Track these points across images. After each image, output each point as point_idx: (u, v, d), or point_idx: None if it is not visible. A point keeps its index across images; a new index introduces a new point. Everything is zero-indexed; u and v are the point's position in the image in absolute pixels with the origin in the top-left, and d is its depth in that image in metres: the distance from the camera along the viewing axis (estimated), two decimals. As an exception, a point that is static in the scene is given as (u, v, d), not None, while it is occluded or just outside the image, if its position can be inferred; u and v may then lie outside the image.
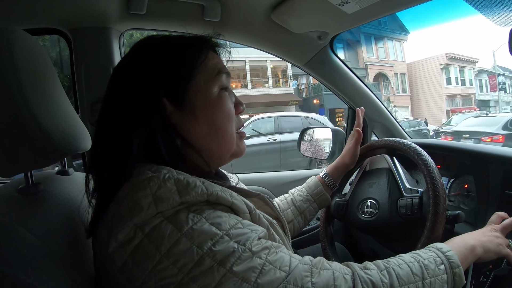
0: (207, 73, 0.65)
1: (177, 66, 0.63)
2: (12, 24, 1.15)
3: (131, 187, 0.52)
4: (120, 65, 0.65)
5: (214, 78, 0.66)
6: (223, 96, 0.67)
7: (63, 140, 0.62)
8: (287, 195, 1.13)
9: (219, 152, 0.68)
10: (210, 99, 0.65)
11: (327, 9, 1.12)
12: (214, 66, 0.67)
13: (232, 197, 0.57)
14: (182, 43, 0.67)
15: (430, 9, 23.42)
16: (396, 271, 0.61)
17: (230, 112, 0.68)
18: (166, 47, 0.66)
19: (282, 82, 21.86)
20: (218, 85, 0.66)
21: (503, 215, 0.84)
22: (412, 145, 0.99)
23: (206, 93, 0.64)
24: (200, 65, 0.65)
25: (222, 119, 0.66)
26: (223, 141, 0.66)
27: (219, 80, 0.66)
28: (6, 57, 0.53)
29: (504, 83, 23.52)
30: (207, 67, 0.65)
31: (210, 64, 0.66)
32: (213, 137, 0.65)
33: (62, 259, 0.51)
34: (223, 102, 0.66)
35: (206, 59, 0.66)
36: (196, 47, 0.66)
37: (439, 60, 23.89)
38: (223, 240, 0.49)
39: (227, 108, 0.67)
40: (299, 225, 1.08)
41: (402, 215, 0.95)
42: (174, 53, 0.64)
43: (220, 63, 0.69)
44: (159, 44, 0.67)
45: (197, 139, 0.64)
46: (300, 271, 0.52)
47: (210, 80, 0.65)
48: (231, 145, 0.68)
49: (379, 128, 1.71)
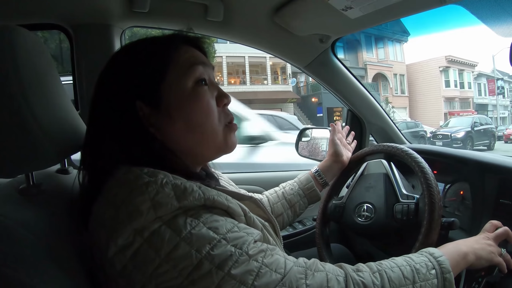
0: (179, 68, 0.64)
1: (147, 65, 0.63)
2: (13, 19, 1.15)
3: (129, 191, 0.52)
4: (102, 71, 0.66)
5: (187, 71, 0.64)
6: (199, 90, 0.65)
7: (64, 141, 0.62)
8: (278, 188, 1.15)
9: (201, 150, 0.67)
10: (184, 95, 0.63)
11: (330, 13, 1.13)
12: (186, 60, 0.65)
13: (228, 200, 0.58)
14: (153, 42, 0.66)
15: (432, 17, 23.35)
16: (388, 273, 0.62)
17: (209, 106, 0.65)
18: (138, 48, 0.66)
19: (281, 80, 21.83)
20: (192, 79, 0.64)
21: (496, 223, 0.85)
22: (410, 152, 1.00)
23: (179, 89, 0.63)
24: (171, 61, 0.63)
25: (198, 114, 0.64)
26: (203, 137, 0.65)
27: (193, 73, 0.64)
28: (7, 56, 0.53)
29: (503, 87, 23.62)
30: (179, 62, 0.64)
31: (182, 58, 0.65)
32: (192, 135, 0.64)
33: (63, 261, 0.52)
34: (199, 96, 0.64)
35: (176, 54, 0.64)
36: (165, 44, 0.65)
37: (438, 62, 23.90)
38: (220, 244, 0.50)
39: (204, 103, 0.65)
40: (288, 219, 1.10)
41: (398, 220, 0.96)
42: (144, 53, 0.64)
43: (194, 56, 0.67)
44: (133, 47, 0.67)
45: (176, 139, 0.64)
46: (295, 273, 0.53)
47: (183, 75, 0.64)
48: (214, 141, 0.67)
49: (377, 131, 1.72)
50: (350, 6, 1.06)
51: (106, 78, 0.65)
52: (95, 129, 0.63)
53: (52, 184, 0.69)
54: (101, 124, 0.62)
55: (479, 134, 14.07)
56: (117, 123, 0.61)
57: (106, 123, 0.61)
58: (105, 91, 0.64)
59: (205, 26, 1.32)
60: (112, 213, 0.52)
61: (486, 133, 14.55)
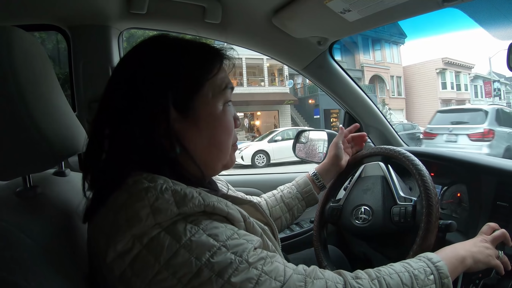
0: (216, 86, 0.65)
1: (189, 74, 0.62)
2: (10, 19, 1.15)
3: (128, 196, 0.52)
4: (127, 62, 0.64)
5: (221, 92, 0.66)
6: (227, 111, 0.67)
7: (62, 143, 0.61)
8: (276, 191, 1.15)
9: (214, 163, 0.68)
10: (215, 113, 0.65)
11: (328, 16, 1.13)
12: (222, 80, 0.66)
13: (228, 206, 0.57)
14: (197, 51, 0.66)
15: (430, 19, 23.43)
16: (386, 280, 0.62)
17: (231, 127, 0.69)
18: (180, 51, 0.64)
19: (278, 81, 21.85)
20: (223, 100, 0.66)
21: (494, 226, 0.85)
22: (407, 154, 1.00)
23: (212, 106, 0.64)
24: (212, 77, 0.64)
25: (223, 133, 0.67)
26: (220, 154, 0.68)
27: (225, 94, 0.66)
28: (5, 57, 0.52)
29: (499, 89, 23.74)
30: (217, 80, 0.65)
31: (219, 77, 0.66)
32: (212, 150, 0.66)
33: (61, 264, 0.52)
34: (226, 118, 0.67)
35: (217, 72, 0.65)
36: (210, 58, 0.66)
37: (435, 64, 23.96)
38: (220, 251, 0.49)
39: (229, 123, 0.68)
40: (287, 222, 1.10)
41: (396, 223, 0.96)
42: (188, 59, 0.63)
43: (227, 77, 0.69)
44: (173, 46, 0.64)
45: (196, 149, 0.64)
46: (294, 281, 0.53)
47: (217, 93, 0.65)
48: (225, 158, 0.69)
49: (374, 133, 1.72)
50: (348, 9, 1.07)
51: (137, 72, 0.61)
52: (111, 131, 0.60)
53: (49, 187, 0.68)
54: (119, 126, 0.59)
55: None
56: (144, 126, 0.58)
57: (128, 125, 0.58)
58: (132, 91, 0.59)
59: (203, 28, 1.32)
60: (111, 218, 0.52)
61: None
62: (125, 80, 0.61)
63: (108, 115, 0.60)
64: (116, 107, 0.59)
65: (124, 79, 0.61)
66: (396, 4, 1.03)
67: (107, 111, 0.61)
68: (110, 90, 0.62)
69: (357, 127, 1.25)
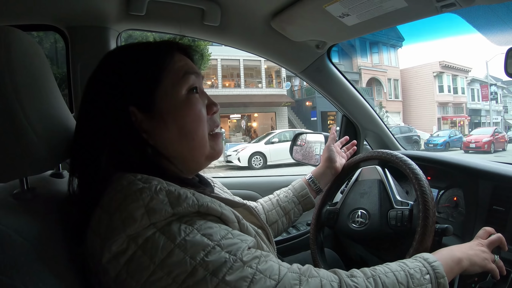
0: (174, 76, 0.65)
1: (142, 71, 0.63)
2: (8, 19, 1.14)
3: (123, 198, 0.52)
4: (92, 74, 0.66)
5: (181, 80, 0.65)
6: (192, 98, 0.66)
7: (59, 145, 0.61)
8: (272, 196, 1.15)
9: (191, 155, 0.68)
10: (178, 102, 0.65)
11: (327, 20, 1.14)
12: (180, 68, 0.66)
13: (221, 207, 0.58)
14: (147, 48, 0.67)
15: (428, 24, 23.49)
16: (382, 279, 0.62)
17: (200, 114, 0.67)
18: (132, 54, 0.66)
19: (275, 83, 21.85)
20: (186, 87, 0.66)
21: (490, 230, 0.86)
22: (404, 158, 1.01)
23: (174, 96, 0.64)
24: (166, 68, 0.65)
25: (191, 122, 0.66)
26: (193, 144, 0.66)
27: (187, 81, 0.66)
28: (2, 57, 0.52)
29: (496, 93, 23.91)
30: (173, 69, 0.65)
31: (176, 66, 0.66)
32: (184, 141, 0.65)
33: (58, 267, 0.51)
34: (192, 105, 0.66)
35: (171, 62, 0.66)
36: (160, 51, 0.67)
37: (432, 67, 24.07)
38: (215, 250, 0.50)
39: (196, 110, 0.66)
40: (283, 226, 1.10)
41: (392, 227, 0.97)
42: (139, 59, 0.65)
43: (187, 64, 0.69)
44: (125, 51, 0.68)
45: (169, 145, 0.64)
46: (289, 279, 0.54)
47: (177, 82, 0.65)
48: (203, 148, 0.68)
49: (372, 137, 1.73)
50: (347, 13, 1.07)
51: (97, 81, 0.64)
52: (85, 134, 0.63)
53: (47, 188, 0.68)
54: (91, 129, 0.62)
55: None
56: (109, 128, 0.61)
57: (97, 128, 0.61)
58: (96, 95, 0.63)
59: (202, 30, 1.32)
60: (106, 219, 0.52)
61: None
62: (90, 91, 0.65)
63: (81, 124, 0.64)
64: (84, 116, 0.63)
65: (89, 91, 0.65)
66: (394, 9, 1.03)
67: (79, 120, 0.64)
68: (82, 100, 0.65)
69: (347, 139, 1.29)
